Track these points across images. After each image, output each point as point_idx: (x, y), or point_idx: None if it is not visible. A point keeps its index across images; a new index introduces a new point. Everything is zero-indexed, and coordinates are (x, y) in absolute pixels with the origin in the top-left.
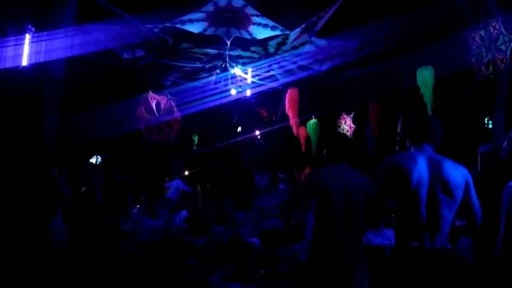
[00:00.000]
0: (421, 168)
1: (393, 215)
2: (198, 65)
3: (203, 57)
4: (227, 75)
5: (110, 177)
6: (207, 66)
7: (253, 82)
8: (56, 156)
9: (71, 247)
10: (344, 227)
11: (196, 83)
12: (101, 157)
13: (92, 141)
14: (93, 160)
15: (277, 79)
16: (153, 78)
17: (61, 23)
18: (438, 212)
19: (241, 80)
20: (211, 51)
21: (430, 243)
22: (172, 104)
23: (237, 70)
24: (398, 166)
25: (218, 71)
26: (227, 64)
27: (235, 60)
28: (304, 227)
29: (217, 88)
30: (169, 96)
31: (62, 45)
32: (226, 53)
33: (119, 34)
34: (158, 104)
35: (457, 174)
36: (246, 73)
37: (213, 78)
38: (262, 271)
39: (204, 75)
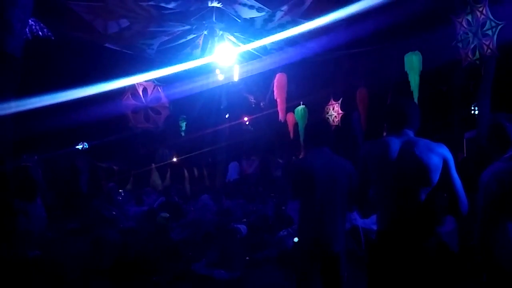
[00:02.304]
0: (393, 152)
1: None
2: (184, 28)
3: (189, 21)
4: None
5: (95, 163)
6: (194, 27)
7: (241, 54)
8: (35, 142)
9: (54, 234)
10: (328, 210)
11: (185, 48)
12: (87, 143)
13: (76, 126)
14: (79, 147)
15: (266, 48)
16: (137, 52)
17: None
18: (414, 196)
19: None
20: (197, 22)
21: (409, 228)
22: (160, 90)
23: (225, 35)
24: (372, 152)
25: (205, 31)
26: (215, 26)
27: (224, 18)
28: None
29: (205, 62)
30: (156, 82)
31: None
32: (214, 21)
33: (101, 9)
34: (145, 90)
35: (431, 155)
36: (236, 38)
37: (201, 40)
38: (247, 258)
39: (192, 36)
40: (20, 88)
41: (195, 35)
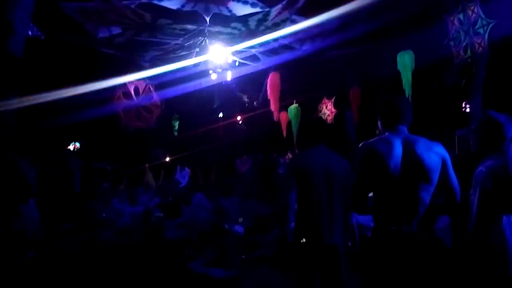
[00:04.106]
0: (397, 152)
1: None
2: (177, 42)
3: (182, 32)
4: (206, 54)
5: (88, 163)
6: (186, 44)
7: (233, 62)
8: (30, 141)
9: (48, 235)
10: (326, 207)
11: (176, 61)
12: (80, 143)
13: (68, 126)
14: (71, 147)
15: (258, 59)
16: (129, 59)
17: None
18: (415, 195)
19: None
20: (191, 27)
21: (408, 226)
22: (151, 88)
23: (217, 47)
24: (375, 151)
25: (197, 49)
26: (207, 41)
27: (215, 36)
28: (287, 210)
29: (198, 70)
30: (147, 80)
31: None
32: (206, 29)
33: (93, 11)
34: (136, 88)
35: (431, 155)
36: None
37: (193, 57)
38: (243, 256)
39: (183, 53)
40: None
41: (187, 52)
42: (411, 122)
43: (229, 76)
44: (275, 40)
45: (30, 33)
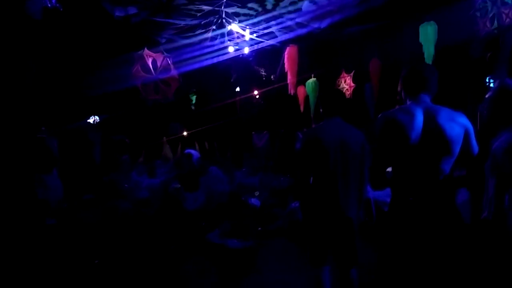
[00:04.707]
0: (418, 122)
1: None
2: (193, 21)
3: (198, 14)
4: (224, 32)
5: (108, 136)
6: (202, 22)
7: (251, 39)
8: (50, 113)
9: (70, 205)
10: (341, 178)
11: (192, 40)
12: (99, 116)
13: (88, 98)
14: (91, 120)
15: (276, 36)
16: (147, 35)
17: None
18: (435, 167)
19: (238, 37)
20: (207, 7)
21: (427, 197)
22: (169, 61)
23: (234, 26)
24: (395, 122)
25: (214, 27)
26: (224, 20)
27: (232, 17)
28: (307, 183)
29: (214, 45)
30: (165, 53)
31: None
32: (222, 9)
33: None
34: (154, 62)
35: (453, 125)
36: (243, 30)
37: (209, 34)
38: (259, 228)
39: (200, 31)
40: None
41: (203, 30)
42: (435, 92)
43: (246, 50)
44: (292, 19)
45: (49, 5)
